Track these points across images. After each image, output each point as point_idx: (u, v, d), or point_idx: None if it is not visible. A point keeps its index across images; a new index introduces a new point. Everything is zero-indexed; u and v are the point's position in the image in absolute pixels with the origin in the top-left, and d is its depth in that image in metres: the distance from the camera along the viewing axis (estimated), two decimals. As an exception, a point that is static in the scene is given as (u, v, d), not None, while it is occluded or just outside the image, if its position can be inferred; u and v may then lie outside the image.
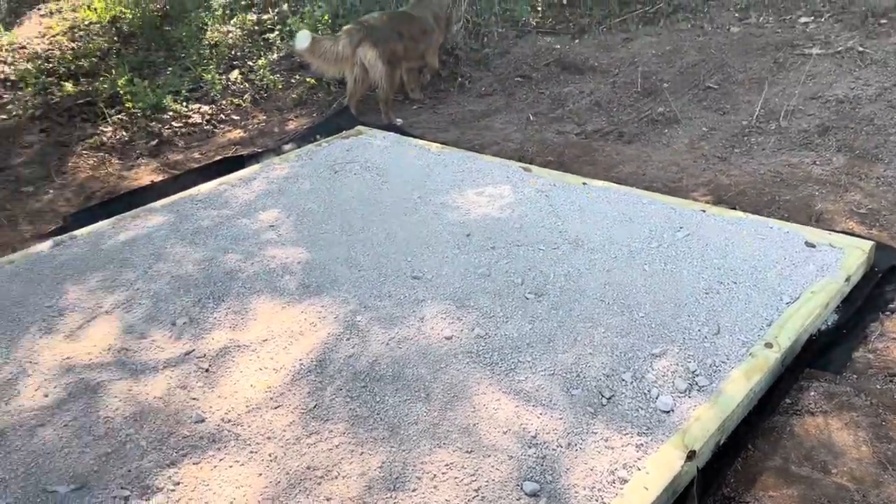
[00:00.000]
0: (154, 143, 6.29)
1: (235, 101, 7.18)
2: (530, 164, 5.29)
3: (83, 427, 2.88)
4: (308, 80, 7.51)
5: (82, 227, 4.68)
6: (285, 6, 9.13)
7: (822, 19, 7.59)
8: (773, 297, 3.43)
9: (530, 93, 6.82)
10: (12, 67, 9.48)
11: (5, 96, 8.29)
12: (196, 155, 6.14)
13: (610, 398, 2.87)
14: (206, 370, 3.18)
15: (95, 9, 11.05)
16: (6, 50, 10.10)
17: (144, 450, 2.75)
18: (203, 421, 2.88)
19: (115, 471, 2.66)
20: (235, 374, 3.14)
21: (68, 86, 8.11)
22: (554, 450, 2.63)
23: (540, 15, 8.01)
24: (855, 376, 3.09)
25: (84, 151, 6.14)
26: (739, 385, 2.90)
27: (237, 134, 6.58)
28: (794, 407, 2.96)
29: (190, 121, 6.78)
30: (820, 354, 3.26)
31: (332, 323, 3.44)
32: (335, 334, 3.35)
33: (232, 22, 10.07)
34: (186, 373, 3.16)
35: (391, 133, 5.95)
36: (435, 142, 5.78)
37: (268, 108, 7.11)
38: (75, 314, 3.65)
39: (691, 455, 2.57)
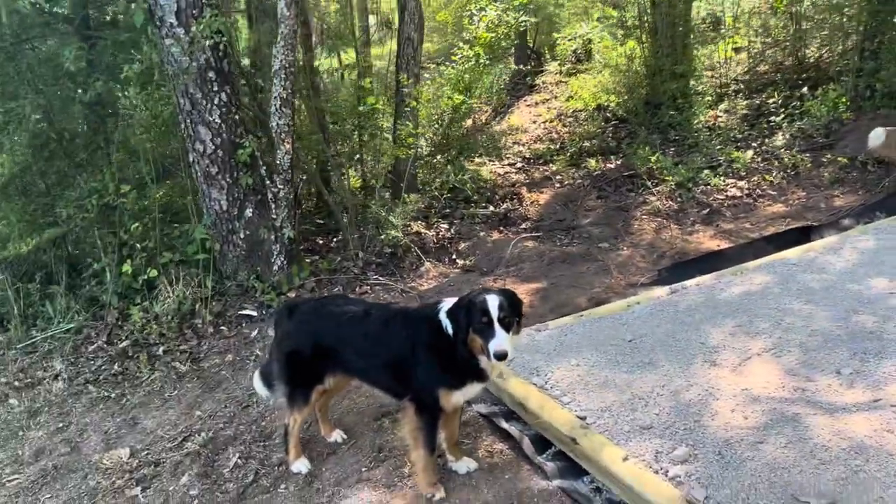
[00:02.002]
0: (705, 212, 6.74)
1: (768, 178, 7.38)
2: None
3: (803, 451, 3.11)
4: (839, 158, 7.43)
5: (680, 278, 5.18)
6: (805, 89, 9.18)
7: None
8: None
9: None
10: (525, 147, 11.01)
11: (530, 169, 9.65)
12: (746, 225, 6.42)
13: None
14: (907, 419, 3.23)
15: (583, 98, 12.33)
16: (507, 134, 11.70)
17: (882, 482, 2.88)
18: (934, 467, 2.93)
19: (863, 495, 2.82)
20: (945, 428, 3.14)
21: (592, 161, 9.14)
22: None
23: None
24: None
25: (643, 216, 6.83)
26: None
27: (779, 208, 6.74)
28: None
29: (728, 194, 7.15)
30: None
31: None
32: None
33: (720, 107, 10.47)
34: (885, 419, 3.24)
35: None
36: None
37: (803, 185, 7.18)
38: (729, 353, 4.01)
39: None
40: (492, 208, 7.24)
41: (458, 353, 3.14)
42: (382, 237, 5.99)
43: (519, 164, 9.94)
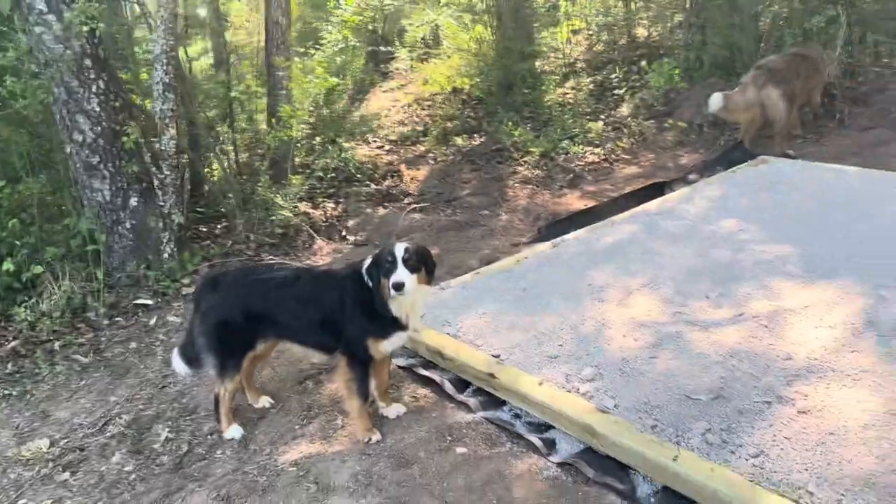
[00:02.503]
0: (570, 177, 7.34)
1: (620, 144, 8.11)
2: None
3: (688, 360, 3.64)
4: (679, 123, 8.28)
5: (557, 235, 5.68)
6: (643, 63, 10.05)
7: None
8: None
9: (919, 124, 7.05)
10: (389, 130, 11.26)
11: (398, 150, 9.93)
12: (607, 185, 7.08)
13: None
14: (766, 326, 3.84)
15: (438, 82, 12.71)
16: (369, 119, 11.86)
17: (754, 375, 3.45)
18: (791, 358, 3.53)
19: (741, 388, 3.37)
20: (796, 329, 3.78)
21: (458, 139, 9.58)
22: None
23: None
24: None
25: (515, 184, 7.33)
26: None
27: (633, 169, 7.46)
28: None
29: (587, 160, 7.80)
30: None
31: (860, 295, 4.00)
32: (870, 303, 3.90)
33: (568, 84, 11.25)
34: (750, 328, 3.85)
35: (799, 161, 6.48)
36: (839, 169, 6.21)
37: (651, 148, 7.96)
38: (613, 291, 4.52)
39: None
40: (374, 186, 7.50)
41: (376, 303, 3.40)
42: (273, 218, 6.09)
43: (387, 147, 10.21)
